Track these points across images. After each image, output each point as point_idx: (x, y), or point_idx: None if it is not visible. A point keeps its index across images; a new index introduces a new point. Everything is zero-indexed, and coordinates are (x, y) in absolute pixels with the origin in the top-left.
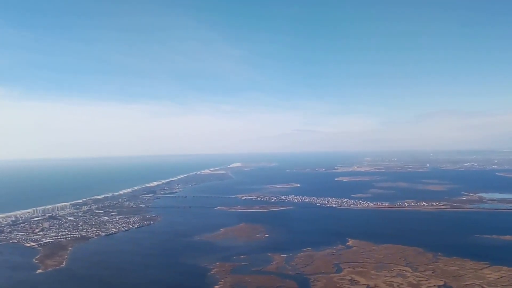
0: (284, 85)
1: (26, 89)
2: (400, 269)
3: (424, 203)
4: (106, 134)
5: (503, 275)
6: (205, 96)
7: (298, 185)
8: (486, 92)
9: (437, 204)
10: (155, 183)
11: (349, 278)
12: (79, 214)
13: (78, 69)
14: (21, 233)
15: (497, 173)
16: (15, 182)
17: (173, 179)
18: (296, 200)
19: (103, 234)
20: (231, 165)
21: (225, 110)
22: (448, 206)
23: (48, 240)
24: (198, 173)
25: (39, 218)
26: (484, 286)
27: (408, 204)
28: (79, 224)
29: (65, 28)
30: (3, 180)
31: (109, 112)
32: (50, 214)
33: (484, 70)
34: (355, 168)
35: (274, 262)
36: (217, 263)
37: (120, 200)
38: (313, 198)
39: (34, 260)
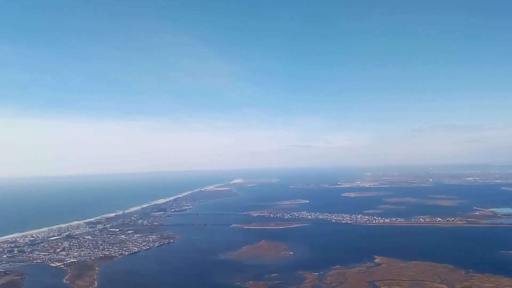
0: (279, 101)
1: (22, 107)
2: (436, 287)
3: (440, 219)
4: (103, 151)
5: None
6: (201, 113)
7: (307, 201)
8: (480, 107)
9: (452, 220)
10: (162, 201)
11: None
12: (96, 233)
13: (75, 87)
14: (43, 253)
15: (502, 188)
16: (21, 200)
17: (179, 196)
18: (309, 217)
19: (126, 253)
20: (233, 182)
21: (221, 126)
22: (465, 222)
23: (72, 260)
24: (202, 189)
25: (57, 237)
26: None
27: (423, 220)
28: (98, 243)
29: (61, 45)
30: (7, 198)
31: (106, 129)
32: (67, 233)
33: (479, 85)
34: (359, 183)
35: (307, 281)
36: (251, 282)
37: (132, 218)
38: (326, 215)
39: (64, 280)
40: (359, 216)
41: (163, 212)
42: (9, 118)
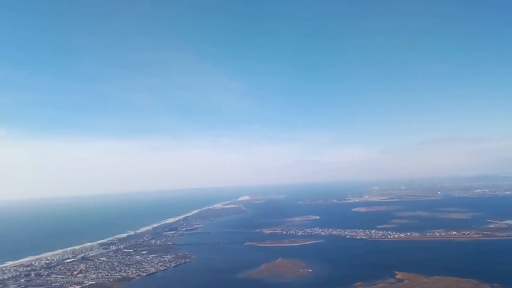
0: (284, 117)
1: (26, 129)
2: None
3: (455, 232)
4: (108, 171)
5: None
6: (205, 130)
7: (318, 217)
8: (485, 118)
9: (468, 233)
10: (172, 220)
11: None
12: (110, 254)
13: (78, 107)
14: (60, 276)
15: None
16: (31, 223)
17: (189, 214)
18: (323, 233)
19: (144, 274)
20: (240, 199)
21: (226, 143)
22: (481, 235)
23: (91, 283)
24: (210, 208)
25: (72, 259)
26: None
27: (439, 234)
28: (114, 264)
29: (64, 66)
30: (17, 221)
31: (110, 149)
32: (82, 255)
33: (484, 96)
34: (367, 197)
35: None
36: None
37: (144, 238)
38: (340, 230)
39: None
40: (373, 231)
41: (174, 232)
42: (13, 140)
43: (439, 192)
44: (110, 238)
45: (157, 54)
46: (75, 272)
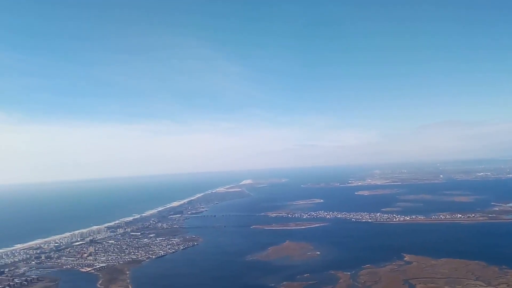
0: (283, 101)
1: (26, 113)
2: (473, 284)
3: (460, 215)
4: (109, 155)
5: None
6: (205, 114)
7: (322, 200)
8: (485, 102)
9: (473, 216)
10: (177, 203)
11: None
12: (118, 237)
13: (79, 92)
14: (70, 259)
15: None
16: (36, 206)
17: (193, 198)
18: (328, 216)
19: (153, 257)
20: (242, 182)
21: (226, 127)
22: (486, 218)
23: (101, 265)
24: (213, 191)
25: (80, 242)
26: None
27: (444, 217)
28: (123, 247)
29: (64, 50)
30: (20, 204)
31: (110, 133)
32: (90, 238)
33: (483, 80)
34: (369, 181)
35: (341, 280)
36: (285, 283)
37: (151, 221)
38: (345, 214)
39: (98, 285)
40: (378, 214)
41: (180, 215)
42: (13, 125)
43: (441, 176)
44: (116, 222)
45: (157, 39)
46: (85, 255)
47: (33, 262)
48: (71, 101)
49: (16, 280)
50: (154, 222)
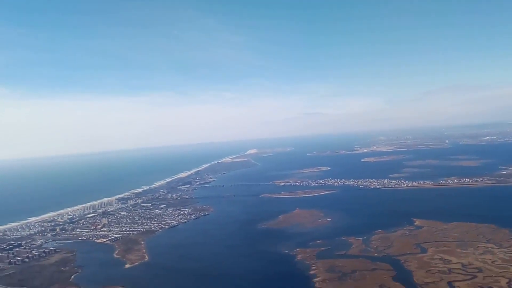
0: (286, 70)
1: (29, 88)
2: (484, 246)
3: (468, 180)
4: (111, 128)
5: None
6: (207, 85)
7: (328, 168)
8: (489, 66)
9: (481, 180)
10: (184, 174)
11: (439, 257)
12: (129, 209)
13: (80, 65)
14: (85, 230)
15: None
16: (44, 180)
17: (200, 169)
18: (336, 184)
19: (166, 227)
20: (247, 152)
21: (228, 98)
22: (494, 181)
23: (116, 236)
24: (220, 161)
25: (93, 214)
26: None
27: (452, 182)
28: (135, 218)
29: (66, 25)
30: (29, 178)
31: (113, 106)
32: (102, 210)
33: (487, 44)
34: (375, 148)
35: (354, 246)
36: (298, 249)
37: (160, 192)
38: (352, 181)
39: (115, 255)
40: (385, 180)
41: (188, 186)
42: (16, 99)
43: (446, 141)
44: (126, 193)
45: (158, 11)
46: (99, 226)
47: (49, 234)
48: (74, 74)
49: (34, 252)
50: (163, 193)
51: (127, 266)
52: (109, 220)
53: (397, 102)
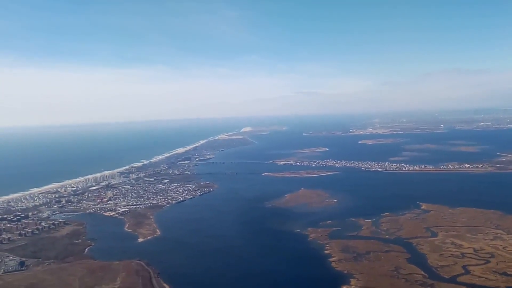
0: (282, 47)
1: (21, 56)
2: (494, 232)
3: (468, 165)
4: (101, 99)
5: None
6: (201, 59)
7: (327, 149)
8: (486, 50)
9: (481, 166)
10: (182, 150)
11: (450, 241)
12: (132, 182)
13: (72, 33)
14: (91, 203)
15: None
16: (40, 150)
17: (197, 145)
18: (337, 165)
19: (173, 202)
20: (243, 130)
21: (222, 73)
22: (494, 168)
23: (124, 209)
24: (216, 138)
25: (96, 187)
26: None
27: (452, 167)
28: (140, 192)
29: None
30: (24, 148)
31: (104, 77)
32: (105, 183)
33: (486, 28)
34: (371, 130)
35: (364, 227)
36: (309, 229)
37: (161, 167)
38: (353, 163)
39: (126, 229)
40: (386, 163)
41: (188, 161)
42: (8, 67)
43: (442, 125)
44: (127, 167)
45: None
46: (105, 199)
47: (55, 206)
48: (64, 43)
49: (43, 224)
50: (164, 168)
51: (140, 240)
52: (114, 193)
53: (393, 83)
